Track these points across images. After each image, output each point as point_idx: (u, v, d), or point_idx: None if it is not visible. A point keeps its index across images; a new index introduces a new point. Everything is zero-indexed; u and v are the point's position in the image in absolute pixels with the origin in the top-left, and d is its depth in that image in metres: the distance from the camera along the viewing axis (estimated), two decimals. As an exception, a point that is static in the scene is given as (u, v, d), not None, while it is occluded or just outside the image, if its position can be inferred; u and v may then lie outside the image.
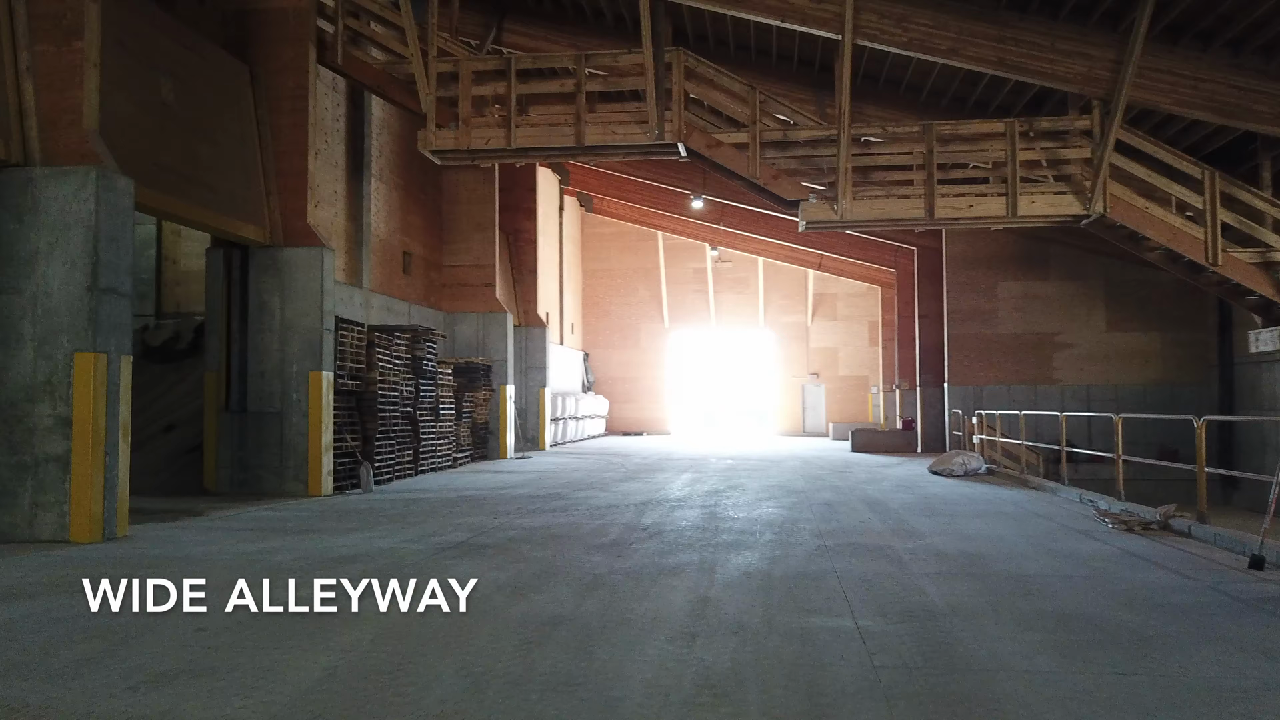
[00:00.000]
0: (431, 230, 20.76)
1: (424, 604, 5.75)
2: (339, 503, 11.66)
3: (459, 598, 5.93)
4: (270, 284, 12.74)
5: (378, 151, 17.84)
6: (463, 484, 14.41)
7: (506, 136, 13.16)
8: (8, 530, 8.30)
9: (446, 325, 21.22)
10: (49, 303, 8.38)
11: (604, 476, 15.80)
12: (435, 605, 5.71)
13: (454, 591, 6.13)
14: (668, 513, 10.64)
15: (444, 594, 6.02)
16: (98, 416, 8.36)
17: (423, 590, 6.07)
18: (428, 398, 16.53)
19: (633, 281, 35.81)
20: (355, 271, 16.84)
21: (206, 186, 11.44)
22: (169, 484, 12.89)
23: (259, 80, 12.88)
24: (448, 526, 9.47)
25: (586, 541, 8.45)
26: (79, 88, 8.63)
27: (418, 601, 5.82)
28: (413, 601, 5.82)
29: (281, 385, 12.59)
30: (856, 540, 8.58)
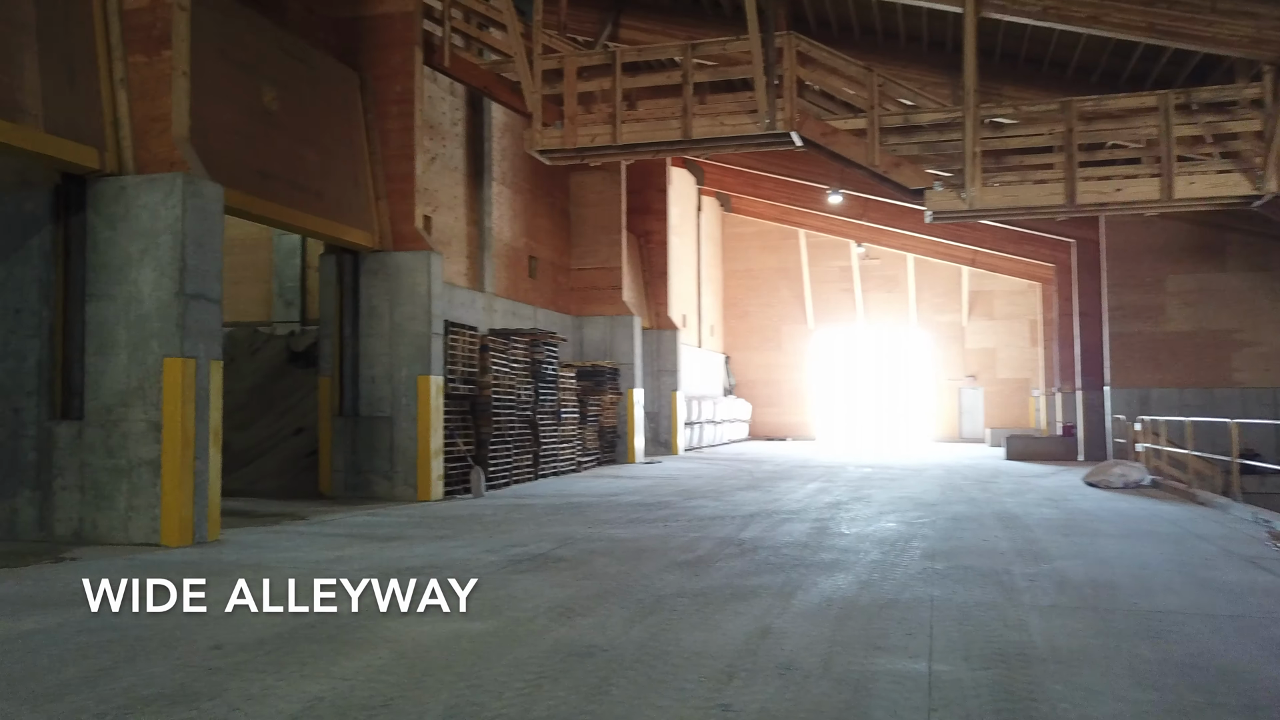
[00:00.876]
0: (559, 234, 20.64)
1: (457, 626, 5.34)
2: (443, 508, 11.51)
3: (501, 618, 5.51)
4: (379, 288, 12.77)
5: (499, 155, 17.81)
6: (577, 489, 14.08)
7: (612, 133, 12.74)
8: (105, 533, 8.45)
9: (574, 329, 21.06)
10: (140, 309, 8.50)
11: (724, 484, 15.17)
12: (467, 629, 5.29)
13: (499, 610, 5.71)
14: (774, 526, 9.94)
15: (485, 614, 5.61)
16: (186, 421, 8.41)
17: (469, 607, 5.69)
18: (548, 401, 16.32)
19: (774, 281, 34.89)
20: (477, 276, 16.83)
21: (313, 192, 11.52)
22: (288, 487, 13.12)
23: (368, 86, 12.94)
24: (537, 536, 9.10)
25: (670, 557, 7.89)
26: (167, 96, 8.72)
27: (454, 622, 5.42)
28: (449, 621, 5.43)
29: (391, 389, 12.58)
30: (971, 563, 7.67)
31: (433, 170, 15.40)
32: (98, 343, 8.60)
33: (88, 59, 8.57)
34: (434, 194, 15.44)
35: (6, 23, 7.83)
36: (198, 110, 9.64)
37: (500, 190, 17.81)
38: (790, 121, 12.08)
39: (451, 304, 15.64)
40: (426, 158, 15.15)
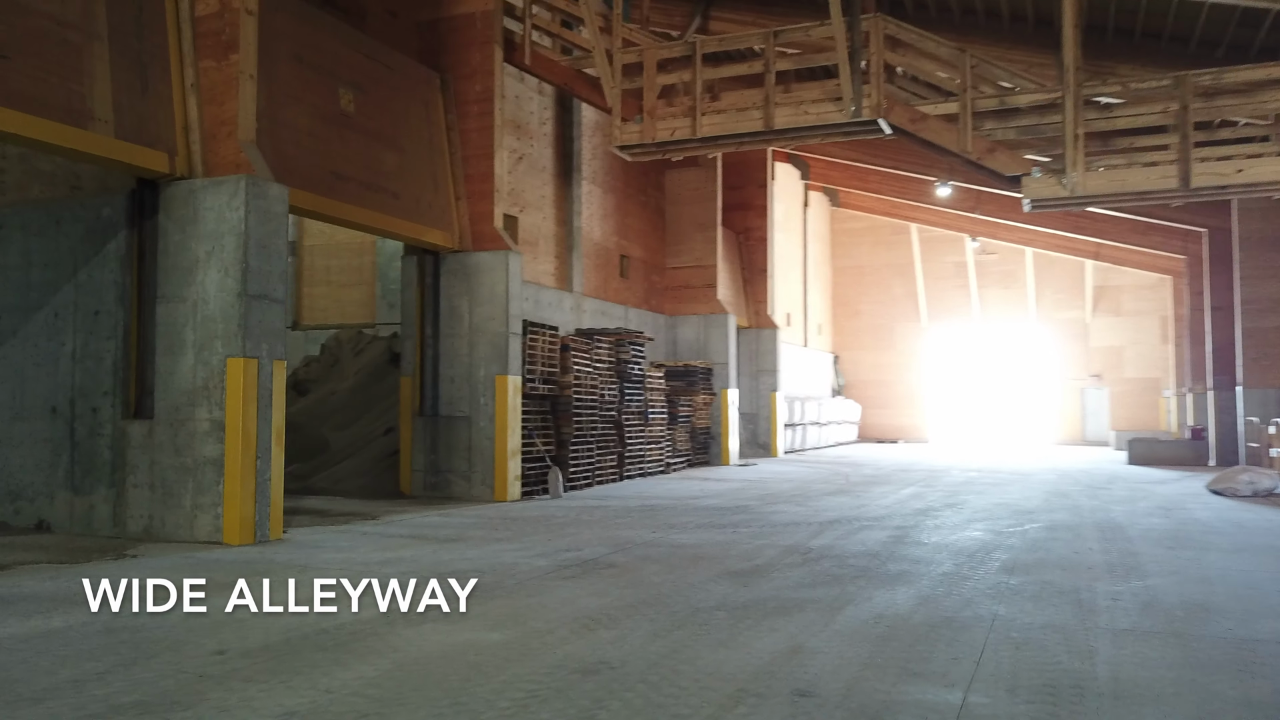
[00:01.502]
0: (652, 233, 20.40)
1: (471, 636, 5.13)
2: (516, 509, 11.40)
3: (521, 628, 5.28)
4: (459, 288, 12.77)
5: (590, 154, 17.67)
6: (659, 491, 13.80)
7: (692, 126, 12.40)
8: (173, 530, 8.62)
9: (667, 329, 20.78)
10: (207, 309, 8.63)
11: (813, 489, 14.64)
12: (480, 640, 5.07)
13: (522, 620, 5.48)
14: (849, 534, 9.44)
15: (506, 624, 5.39)
16: (248, 421, 8.49)
17: (494, 615, 5.49)
18: (634, 402, 16.10)
19: (886, 278, 33.83)
20: (565, 276, 16.74)
21: (390, 193, 11.58)
22: (371, 486, 13.26)
23: (449, 87, 12.96)
24: (596, 539, 8.85)
25: (726, 565, 7.52)
26: (234, 100, 8.84)
27: (470, 631, 5.22)
28: (465, 630, 5.22)
29: (470, 389, 12.56)
30: (1051, 578, 7.05)
31: (519, 170, 15.36)
32: (167, 343, 8.78)
33: (161, 65, 8.76)
34: (521, 194, 15.41)
35: (80, 32, 8.05)
36: (270, 113, 9.79)
37: (590, 189, 17.67)
38: (877, 108, 11.50)
39: (538, 304, 15.58)
40: (513, 158, 15.13)
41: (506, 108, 14.88)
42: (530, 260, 15.60)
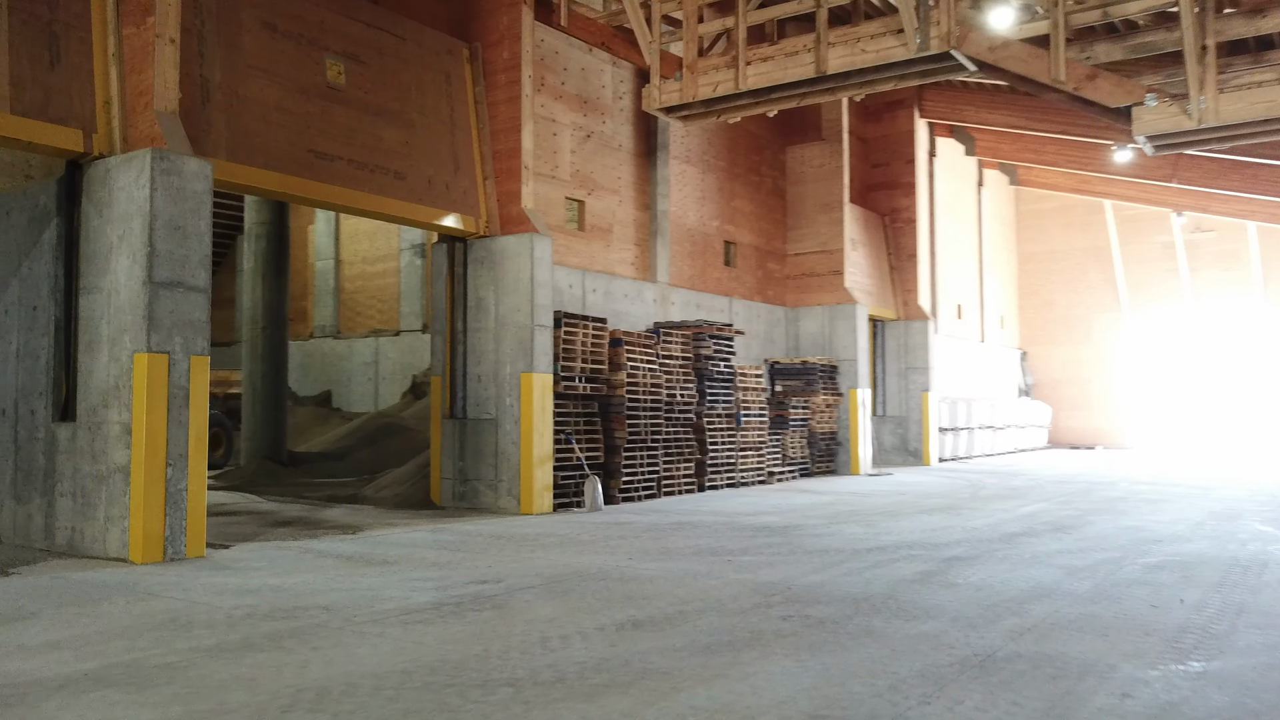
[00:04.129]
0: (767, 216, 18.48)
1: (126, 704, 3.79)
2: (533, 525, 10.02)
3: (180, 710, 3.90)
4: (485, 278, 11.56)
5: (683, 131, 16.07)
6: (725, 506, 12.02)
7: (735, 78, 10.61)
8: (89, 544, 7.83)
9: (788, 322, 18.79)
10: (118, 300, 7.80)
11: (920, 504, 12.39)
12: (128, 711, 3.72)
13: (204, 696, 4.10)
14: (872, 567, 7.42)
15: (175, 702, 4.02)
16: (154, 423, 7.57)
17: (179, 686, 4.15)
18: (720, 403, 14.36)
19: (1080, 264, 29.95)
20: (648, 265, 15.21)
21: (391, 174, 10.52)
22: (405, 495, 12.27)
23: (477, 56, 11.80)
24: (539, 568, 7.33)
25: (644, 609, 5.82)
26: (150, 67, 7.97)
27: (136, 697, 3.89)
28: (138, 696, 3.91)
29: (496, 389, 11.33)
30: (1071, 650, 4.89)
31: (586, 149, 14.01)
32: (87, 339, 8.03)
33: (79, 35, 8.03)
34: (589, 176, 14.04)
35: (-33, 1, 7.41)
36: (228, 86, 8.95)
37: (683, 169, 16.06)
38: (947, 38, 9.29)
39: (609, 296, 14.17)
40: (579, 135, 13.81)
41: (570, 81, 13.60)
42: (601, 248, 14.22)
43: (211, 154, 8.73)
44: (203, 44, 8.85)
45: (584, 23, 12.12)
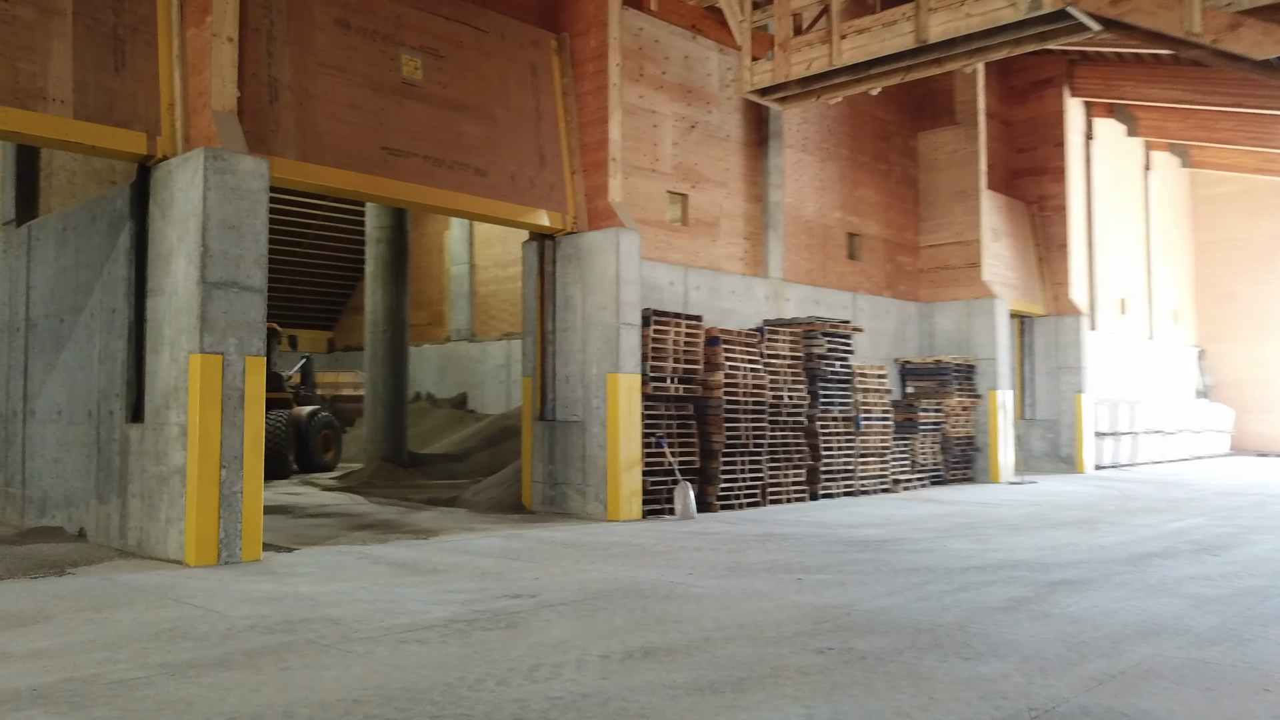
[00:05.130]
0: (896, 206, 17.35)
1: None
2: (619, 532, 9.52)
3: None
4: (572, 275, 11.16)
5: (798, 119, 15.25)
6: (835, 518, 11.17)
7: (829, 53, 9.79)
8: (153, 545, 7.84)
9: (921, 319, 17.59)
10: (177, 301, 7.77)
11: (1050, 517, 11.19)
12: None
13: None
14: (958, 590, 6.53)
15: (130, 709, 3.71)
16: (208, 425, 7.49)
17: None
18: (835, 405, 13.47)
19: (1267, 251, 27.02)
20: (759, 260, 14.46)
21: (471, 170, 10.25)
22: (500, 499, 11.97)
23: (565, 47, 11.41)
24: (590, 580, 6.80)
25: (683, 631, 5.20)
26: (207, 67, 7.93)
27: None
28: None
29: (583, 390, 10.90)
30: (1145, 703, 3.98)
31: (690, 140, 13.42)
32: (153, 341, 8.06)
33: (145, 38, 8.08)
34: (693, 168, 13.45)
35: (33, 8, 7.52)
36: (297, 84, 8.88)
37: (799, 159, 15.23)
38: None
39: (714, 293, 13.53)
40: (682, 126, 13.25)
41: (672, 70, 13.07)
42: (706, 243, 13.59)
43: (279, 153, 8.65)
44: (271, 43, 8.78)
45: (675, 6, 11.56)
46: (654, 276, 12.65)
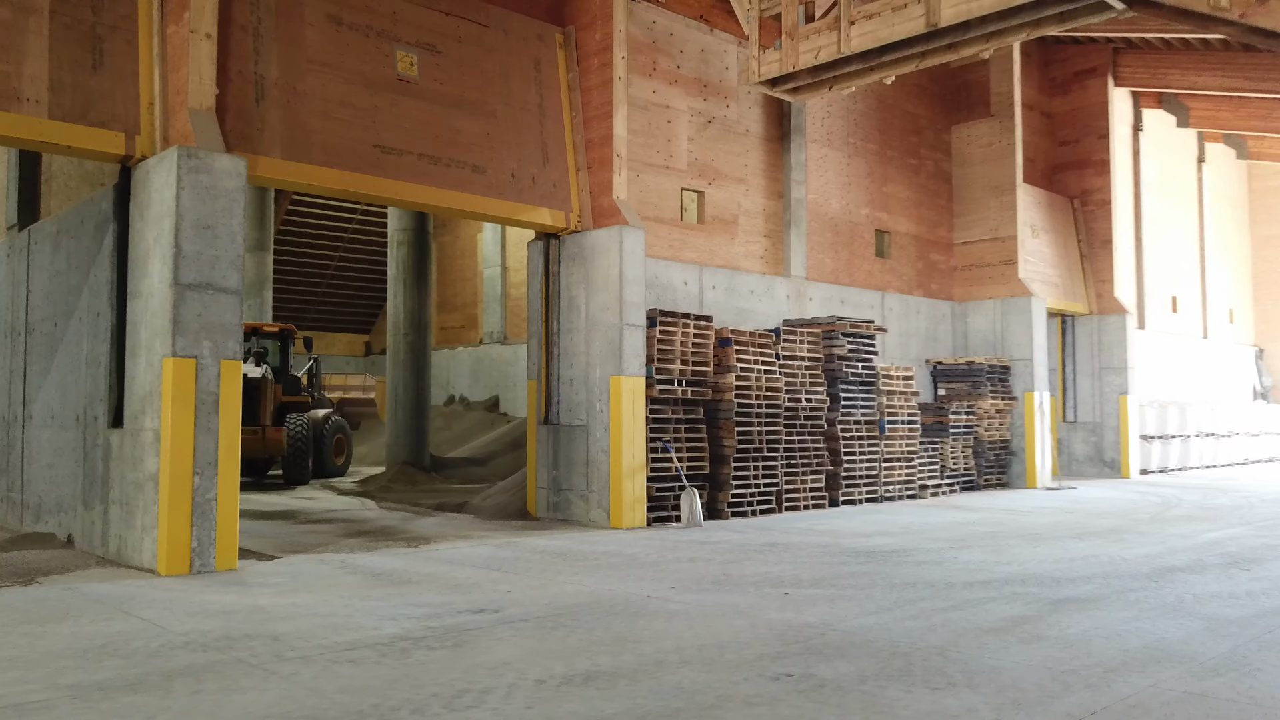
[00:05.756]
0: (928, 202, 16.78)
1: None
2: (616, 540, 9.19)
3: None
4: (576, 275, 10.85)
5: (823, 112, 14.78)
6: (848, 526, 10.71)
7: (838, 41, 9.36)
8: (129, 553, 7.68)
9: (955, 318, 16.99)
10: (152, 304, 7.61)
11: (1087, 526, 10.61)
12: None
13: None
14: (959, 606, 6.08)
15: None
16: (181, 431, 7.30)
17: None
18: (858, 407, 12.99)
19: (1331, 247, 25.86)
20: (779, 258, 14.03)
21: (469, 168, 9.99)
22: (505, 505, 11.71)
23: (571, 41, 11.12)
24: (559, 593, 6.47)
25: (637, 653, 4.85)
26: (184, 64, 7.75)
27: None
28: None
29: (586, 393, 10.58)
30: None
31: (706, 136, 13.04)
32: (131, 344, 7.91)
33: (125, 37, 7.94)
34: (710, 164, 13.07)
35: (7, 6, 7.41)
36: (285, 82, 8.69)
37: (823, 154, 14.77)
38: (1083, -33, 7.71)
39: (732, 292, 13.13)
40: (698, 121, 12.88)
41: (687, 64, 12.71)
42: (724, 241, 13.20)
43: (265, 152, 8.47)
44: (259, 40, 8.60)
45: (680, -4, 11.21)
46: (667, 276, 12.30)
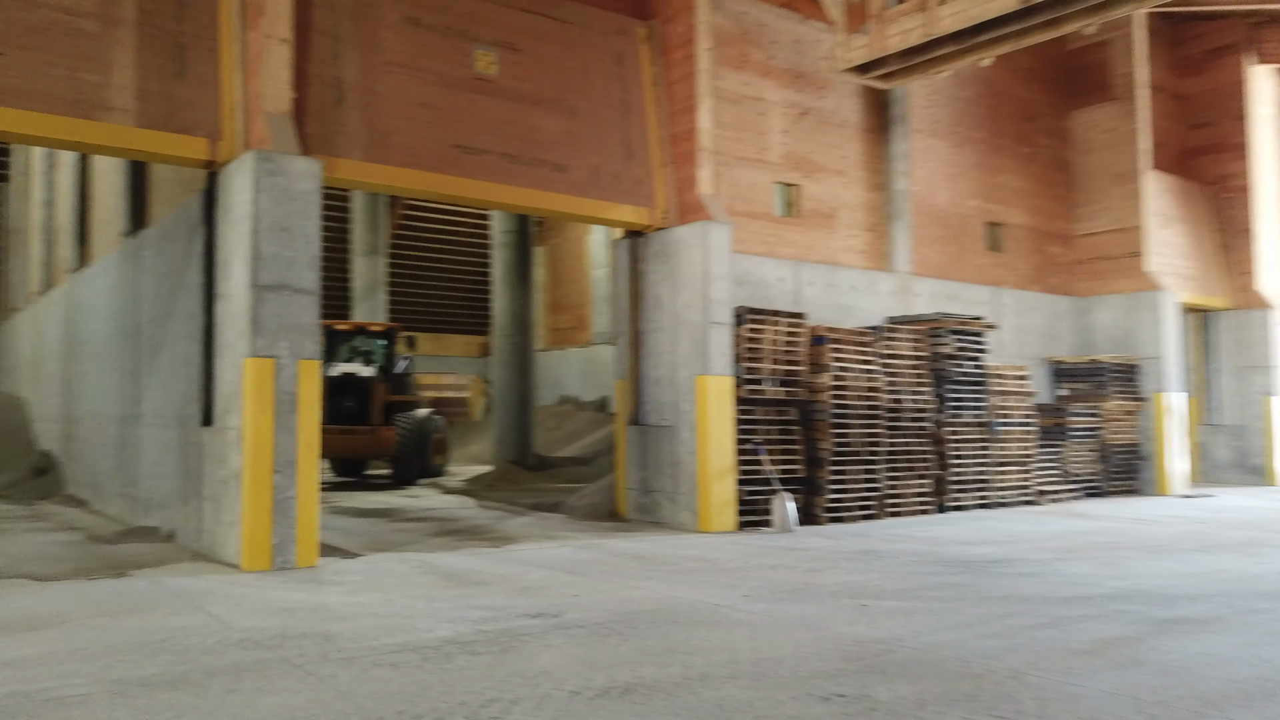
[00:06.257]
0: (1046, 192, 15.88)
1: None
2: (701, 545, 8.94)
3: None
4: (661, 273, 10.63)
5: (925, 101, 14.16)
6: (952, 534, 10.15)
7: (927, 22, 8.87)
8: (219, 548, 7.84)
9: (1076, 314, 16.03)
10: (235, 305, 7.76)
11: (1219, 538, 9.80)
12: None
13: None
14: (1053, 626, 5.60)
15: None
16: (260, 430, 7.42)
17: None
18: (967, 408, 12.37)
19: None
20: (882, 253, 13.48)
21: (550, 166, 9.90)
22: (598, 506, 11.54)
23: (655, 34, 10.92)
24: (628, 598, 6.26)
25: (685, 665, 4.61)
26: (261, 69, 7.88)
27: None
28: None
29: (673, 393, 10.35)
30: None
31: (802, 128, 12.64)
32: (219, 345, 8.09)
33: (207, 44, 8.13)
34: (806, 157, 12.66)
35: (98, 20, 7.67)
36: (364, 84, 8.80)
37: (928, 144, 14.14)
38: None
39: (831, 288, 12.69)
40: (791, 113, 12.50)
41: (781, 55, 12.37)
42: (821, 236, 12.76)
43: (344, 154, 8.56)
44: (337, 44, 8.71)
45: (771, -17, 10.86)
46: (761, 272, 11.96)
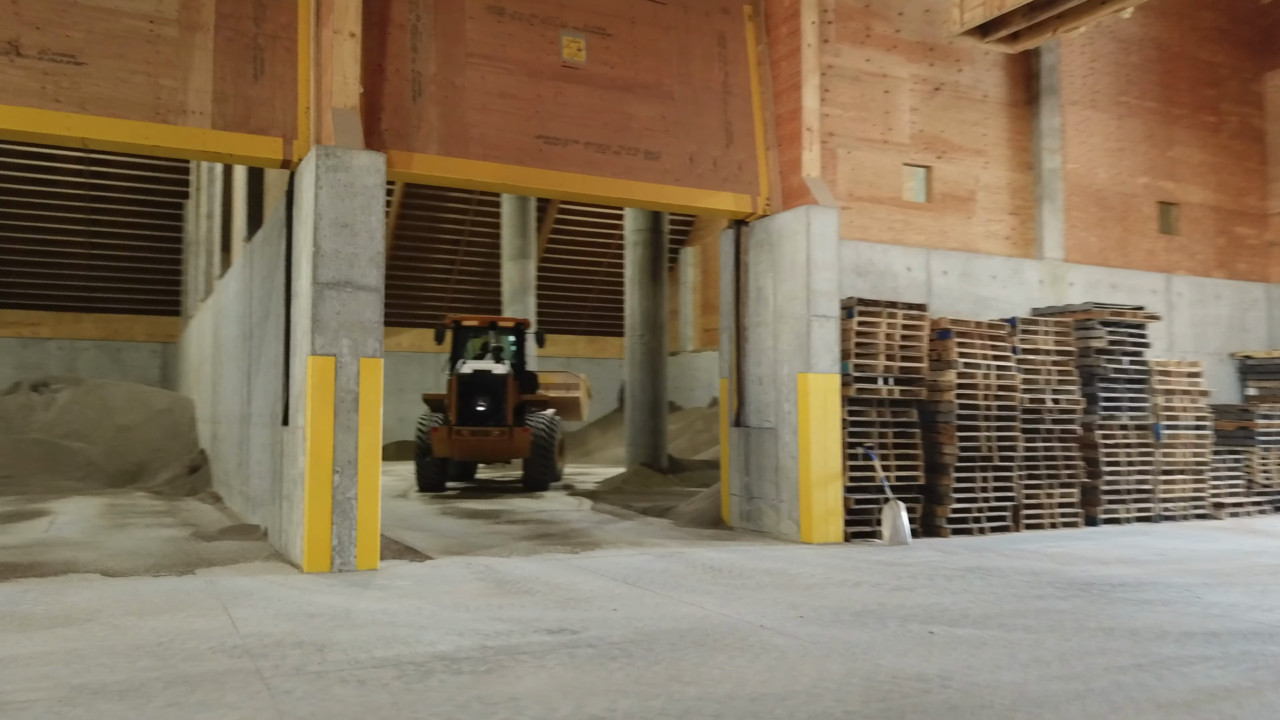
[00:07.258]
0: (1233, 166, 14.05)
1: None
2: (787, 557, 8.25)
3: None
4: (764, 263, 9.96)
5: (1083, 69, 12.78)
6: (1091, 550, 8.98)
7: (1048, -30, 7.82)
8: (288, 548, 7.82)
9: (1271, 303, 14.10)
10: (302, 304, 7.71)
11: None
12: None
13: None
14: (1157, 665, 4.65)
15: None
16: (321, 428, 7.31)
17: None
18: (1125, 409, 11.02)
19: None
20: (1028, 238, 12.23)
21: (641, 154, 9.44)
22: (702, 513, 10.97)
23: (760, 13, 10.26)
24: (698, 616, 5.70)
25: (684, 696, 4.04)
26: (330, 65, 7.80)
27: None
28: None
29: (775, 393, 9.67)
30: None
31: (934, 104, 11.64)
32: (293, 344, 8.08)
33: (285, 45, 8.15)
34: (938, 136, 11.65)
35: (177, 25, 7.80)
36: (443, 77, 8.62)
37: (1085, 117, 12.74)
38: None
39: (967, 277, 11.62)
40: (922, 89, 11.54)
41: (908, 26, 11.48)
42: (957, 221, 11.70)
43: (421, 149, 8.40)
44: (416, 38, 8.56)
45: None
46: (886, 261, 11.06)
